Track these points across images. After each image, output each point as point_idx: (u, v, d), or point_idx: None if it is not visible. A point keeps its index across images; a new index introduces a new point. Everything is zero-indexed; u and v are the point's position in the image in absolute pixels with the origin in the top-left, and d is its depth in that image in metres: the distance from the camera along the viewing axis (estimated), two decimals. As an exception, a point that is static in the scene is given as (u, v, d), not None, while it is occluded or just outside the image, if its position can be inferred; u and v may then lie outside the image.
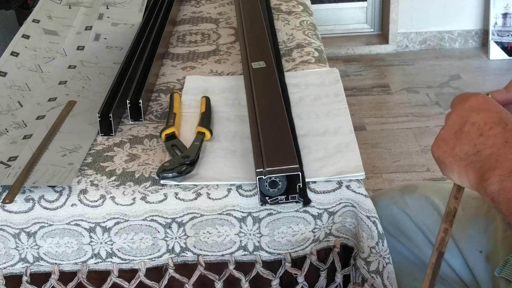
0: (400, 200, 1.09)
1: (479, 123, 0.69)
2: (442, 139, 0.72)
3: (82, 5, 1.53)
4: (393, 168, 2.37)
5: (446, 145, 0.71)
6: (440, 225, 0.77)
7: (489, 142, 0.67)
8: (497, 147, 0.66)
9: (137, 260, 0.94)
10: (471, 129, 0.69)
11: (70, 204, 0.91)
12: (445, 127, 0.72)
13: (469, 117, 0.70)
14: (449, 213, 0.77)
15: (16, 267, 0.95)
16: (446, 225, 0.76)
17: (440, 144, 0.72)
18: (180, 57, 1.36)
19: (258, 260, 0.94)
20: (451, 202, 0.76)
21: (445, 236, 0.76)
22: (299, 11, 1.55)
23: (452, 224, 0.76)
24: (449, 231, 0.76)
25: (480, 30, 3.32)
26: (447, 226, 0.76)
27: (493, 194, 0.65)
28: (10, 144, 1.04)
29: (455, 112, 0.72)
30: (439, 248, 0.77)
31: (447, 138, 0.71)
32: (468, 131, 0.69)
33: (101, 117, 1.05)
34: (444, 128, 0.73)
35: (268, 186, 0.86)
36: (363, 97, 2.91)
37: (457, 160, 0.69)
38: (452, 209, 0.76)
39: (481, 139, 0.68)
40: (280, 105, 1.03)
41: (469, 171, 0.68)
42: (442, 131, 0.73)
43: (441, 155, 0.71)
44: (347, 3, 3.45)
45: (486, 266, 0.96)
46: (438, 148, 0.72)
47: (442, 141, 0.72)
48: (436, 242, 0.77)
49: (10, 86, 1.23)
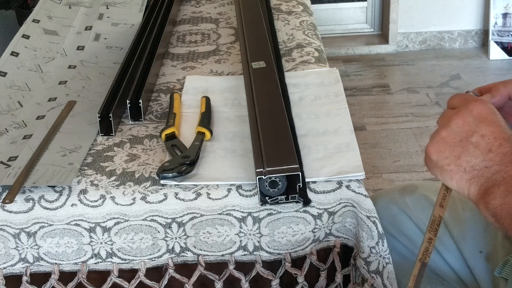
0: (400, 200, 1.09)
1: (489, 137, 0.67)
2: (444, 142, 0.69)
3: (82, 5, 1.53)
4: (393, 168, 2.37)
5: (449, 151, 0.69)
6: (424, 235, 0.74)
7: (497, 159, 0.66)
8: (505, 165, 0.66)
9: (137, 260, 0.94)
10: (480, 142, 0.68)
11: (70, 204, 0.91)
12: (448, 130, 0.70)
13: (478, 128, 0.68)
14: (434, 222, 0.73)
15: (16, 267, 0.95)
16: (431, 234, 0.73)
17: (442, 147, 0.69)
18: (180, 57, 1.36)
19: (258, 260, 0.94)
20: (436, 210, 0.73)
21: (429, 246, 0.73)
22: (299, 11, 1.55)
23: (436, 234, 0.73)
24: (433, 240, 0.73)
25: (480, 30, 3.32)
26: (431, 236, 0.73)
27: (496, 208, 0.64)
28: (10, 144, 1.04)
29: (461, 117, 0.69)
30: (422, 258, 0.73)
31: (452, 143, 0.69)
32: (477, 143, 0.68)
33: (101, 117, 1.05)
34: (446, 130, 0.70)
35: (268, 186, 0.86)
36: (363, 97, 2.91)
37: (461, 171, 0.68)
38: (437, 218, 0.73)
39: (490, 155, 0.67)
40: (280, 105, 1.03)
41: (472, 185, 0.67)
42: (444, 133, 0.70)
43: (441, 160, 0.69)
44: (347, 3, 3.45)
45: (486, 266, 0.96)
46: (439, 152, 0.70)
47: (445, 145, 0.69)
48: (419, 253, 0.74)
49: (10, 86, 1.23)
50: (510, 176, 0.65)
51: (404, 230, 1.07)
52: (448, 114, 0.71)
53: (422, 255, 0.74)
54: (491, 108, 0.70)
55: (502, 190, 0.64)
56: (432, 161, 0.71)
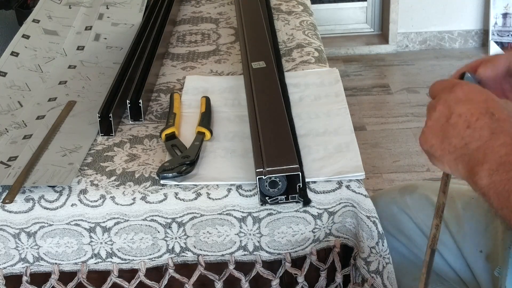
0: (400, 200, 1.09)
1: (466, 114, 0.67)
2: (429, 131, 0.71)
3: (82, 5, 1.53)
4: (393, 168, 2.37)
5: (434, 138, 0.70)
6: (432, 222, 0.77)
7: (476, 135, 0.66)
8: (484, 140, 0.65)
9: (137, 260, 0.94)
10: (458, 121, 0.68)
11: (70, 204, 0.91)
12: (432, 119, 0.71)
13: (455, 108, 0.68)
14: (439, 208, 0.76)
15: (16, 267, 0.95)
16: (437, 221, 0.76)
17: (428, 137, 0.71)
18: (180, 57, 1.36)
19: (258, 260, 0.94)
20: (440, 197, 0.76)
21: (436, 232, 0.76)
22: (299, 11, 1.55)
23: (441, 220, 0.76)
24: (439, 227, 0.76)
25: (480, 30, 3.31)
26: (437, 222, 0.76)
27: (483, 188, 0.64)
28: (10, 144, 1.04)
29: (441, 103, 0.70)
30: (432, 245, 0.77)
31: (435, 130, 0.70)
32: (455, 123, 0.68)
33: (101, 117, 1.05)
34: (430, 119, 0.71)
35: (268, 186, 0.86)
36: (363, 97, 2.91)
37: (446, 154, 0.68)
38: (441, 204, 0.76)
39: (468, 131, 0.67)
40: (280, 105, 1.03)
41: (459, 165, 0.67)
42: (429, 122, 0.71)
43: (429, 148, 0.70)
44: (347, 3, 3.45)
45: (486, 266, 0.96)
46: (426, 141, 0.71)
47: (430, 134, 0.70)
48: (428, 240, 0.77)
49: (10, 86, 1.23)
50: (491, 151, 0.64)
51: (404, 230, 1.07)
52: (431, 104, 0.73)
53: (431, 241, 0.77)
54: (470, 86, 0.71)
55: (486, 169, 0.64)
56: (425, 152, 0.72)
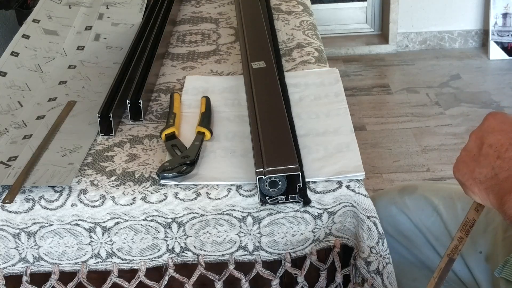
0: (399, 200, 1.09)
1: (496, 145, 0.69)
2: (462, 161, 0.73)
3: (82, 5, 1.53)
4: (393, 168, 2.37)
5: (465, 167, 0.72)
6: (456, 232, 0.78)
7: (505, 165, 0.68)
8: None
9: (137, 260, 0.94)
10: (488, 151, 0.70)
11: (70, 204, 0.91)
12: (465, 148, 0.73)
13: (486, 139, 0.71)
14: (467, 223, 0.77)
15: (16, 267, 0.95)
16: (462, 234, 0.77)
17: (460, 166, 0.73)
18: (180, 57, 1.36)
19: (258, 260, 0.94)
20: (470, 213, 0.77)
21: (458, 244, 0.77)
22: (299, 11, 1.55)
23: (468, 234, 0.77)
24: (463, 240, 0.77)
25: (480, 30, 3.31)
26: (462, 236, 0.77)
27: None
28: (10, 144, 1.04)
29: (475, 133, 0.73)
30: (451, 254, 0.78)
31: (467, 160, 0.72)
32: (486, 154, 0.70)
33: (101, 117, 1.05)
34: (464, 149, 0.74)
35: (268, 186, 0.86)
36: (363, 97, 2.91)
37: (477, 183, 0.70)
38: (470, 220, 0.77)
39: (498, 162, 0.68)
40: (280, 105, 1.03)
41: (490, 194, 0.69)
42: (463, 152, 0.74)
43: (461, 177, 0.73)
44: (347, 3, 3.45)
45: (486, 267, 0.96)
46: (458, 170, 0.73)
47: (462, 163, 0.73)
48: (448, 248, 0.78)
49: (10, 86, 1.23)
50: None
51: (403, 231, 1.07)
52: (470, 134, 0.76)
53: (451, 251, 0.78)
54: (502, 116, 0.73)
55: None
56: (458, 181, 0.74)
